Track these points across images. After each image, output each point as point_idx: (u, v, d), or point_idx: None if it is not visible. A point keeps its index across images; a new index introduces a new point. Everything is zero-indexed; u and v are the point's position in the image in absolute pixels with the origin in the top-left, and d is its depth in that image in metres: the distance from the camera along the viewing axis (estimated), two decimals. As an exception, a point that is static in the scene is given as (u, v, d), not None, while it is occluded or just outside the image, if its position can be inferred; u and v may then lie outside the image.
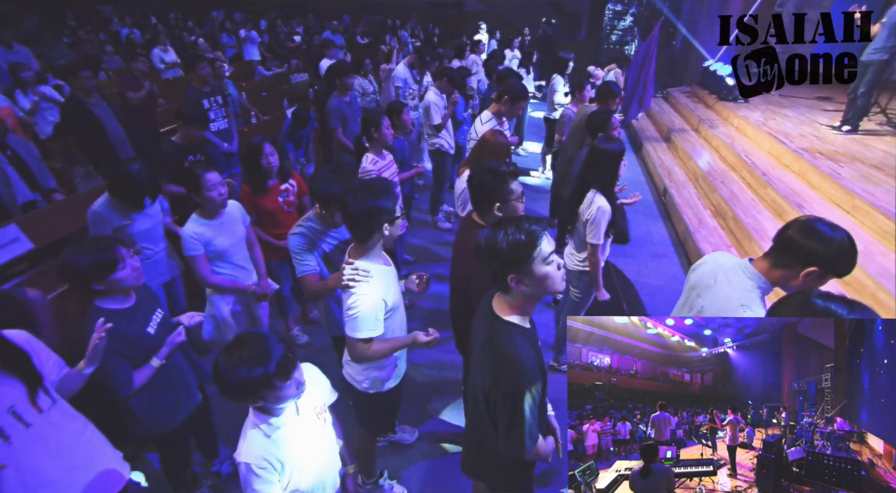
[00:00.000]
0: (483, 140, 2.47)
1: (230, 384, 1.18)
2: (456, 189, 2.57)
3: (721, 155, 5.74)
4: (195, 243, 2.23)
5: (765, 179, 4.64)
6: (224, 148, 4.14)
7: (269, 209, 2.75)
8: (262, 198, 2.72)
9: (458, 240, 2.02)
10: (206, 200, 2.22)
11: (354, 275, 1.65)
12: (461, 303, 1.94)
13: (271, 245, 2.78)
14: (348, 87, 3.97)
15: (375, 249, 1.73)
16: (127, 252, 1.66)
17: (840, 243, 1.33)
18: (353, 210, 1.61)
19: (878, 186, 4.15)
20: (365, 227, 1.64)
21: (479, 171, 1.80)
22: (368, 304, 1.62)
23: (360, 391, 1.86)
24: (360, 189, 1.64)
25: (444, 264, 4.13)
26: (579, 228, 2.45)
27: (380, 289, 1.66)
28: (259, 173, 2.68)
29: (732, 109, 6.74)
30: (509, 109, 3.13)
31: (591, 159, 2.38)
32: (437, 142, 4.26)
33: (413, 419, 2.61)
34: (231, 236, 2.35)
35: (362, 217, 1.61)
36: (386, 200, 1.63)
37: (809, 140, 5.31)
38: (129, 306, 1.70)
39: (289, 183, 2.82)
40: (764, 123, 6.02)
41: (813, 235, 1.34)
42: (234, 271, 2.42)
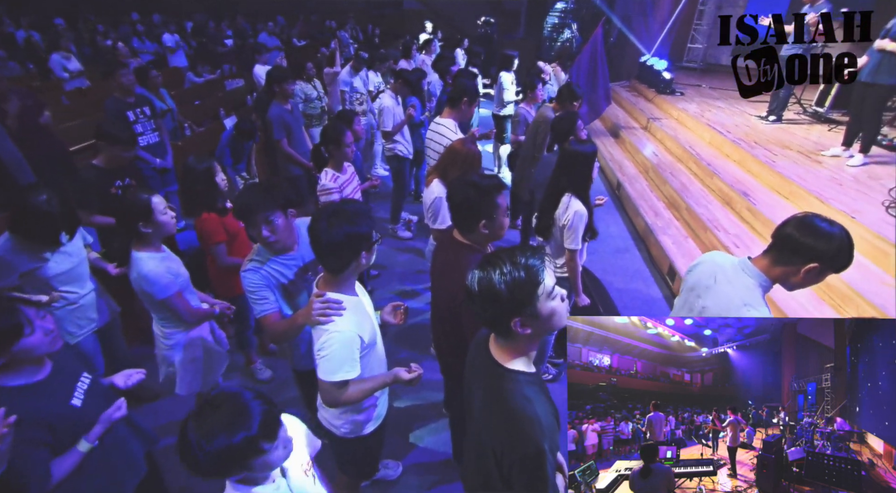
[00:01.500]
0: (453, 151, 2.37)
1: (207, 459, 0.96)
2: (425, 200, 2.45)
3: (667, 147, 5.99)
4: (169, 281, 1.96)
5: (710, 170, 4.87)
6: (156, 164, 3.77)
7: (234, 231, 2.49)
8: (228, 219, 2.46)
9: (440, 261, 1.89)
10: (158, 228, 1.95)
11: (326, 308, 1.48)
12: (449, 330, 1.82)
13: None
14: (289, 94, 3.73)
15: (349, 280, 1.57)
16: (35, 313, 1.37)
17: (840, 239, 1.33)
18: (330, 238, 1.42)
19: (807, 170, 4.48)
20: (341, 256, 1.47)
21: (460, 186, 1.68)
22: (343, 342, 1.45)
23: (338, 437, 1.69)
24: (334, 213, 1.45)
25: (410, 277, 3.99)
26: (556, 234, 2.40)
27: (354, 324, 1.50)
28: (216, 194, 2.43)
29: (671, 102, 7.08)
30: (468, 110, 3.05)
31: (563, 163, 2.33)
32: (393, 147, 4.10)
33: (395, 451, 2.45)
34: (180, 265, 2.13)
35: (339, 246, 1.44)
36: (365, 224, 1.47)
37: (744, 130, 5.66)
38: (44, 377, 1.39)
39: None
40: (701, 114, 6.35)
41: (812, 232, 1.35)
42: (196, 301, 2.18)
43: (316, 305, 1.49)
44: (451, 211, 1.75)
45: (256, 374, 2.94)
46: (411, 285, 3.92)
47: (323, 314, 1.47)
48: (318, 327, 1.49)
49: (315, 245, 1.47)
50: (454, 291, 1.71)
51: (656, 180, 5.36)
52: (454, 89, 3.09)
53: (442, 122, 3.09)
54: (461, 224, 1.74)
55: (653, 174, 5.48)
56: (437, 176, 2.42)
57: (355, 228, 1.44)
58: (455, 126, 3.00)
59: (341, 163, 2.79)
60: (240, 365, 2.97)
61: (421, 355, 3.11)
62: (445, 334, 1.88)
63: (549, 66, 5.13)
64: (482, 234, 1.70)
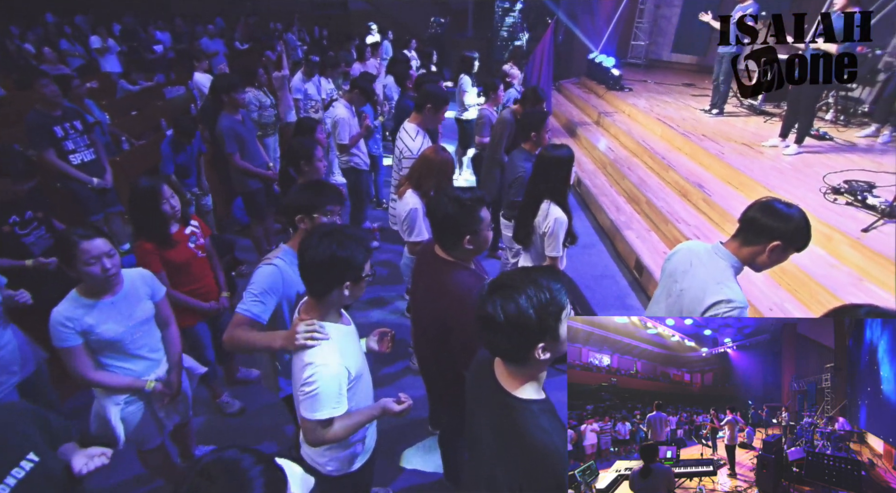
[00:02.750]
0: (426, 159, 2.28)
1: None
2: (398, 212, 2.35)
3: (622, 142, 6.17)
4: (65, 332, 1.67)
5: (665, 163, 5.06)
6: (94, 184, 3.42)
7: (182, 262, 2.26)
8: (169, 251, 2.22)
9: (424, 281, 1.80)
10: (82, 277, 1.69)
11: (312, 333, 1.37)
12: (437, 352, 1.74)
13: (188, 308, 2.31)
14: (239, 104, 3.50)
15: (334, 308, 1.46)
16: None
17: (797, 219, 1.49)
18: (314, 257, 1.33)
19: (752, 161, 4.74)
20: (323, 280, 1.38)
21: (441, 202, 1.60)
22: (329, 377, 1.35)
23: (323, 475, 1.57)
24: (327, 233, 1.36)
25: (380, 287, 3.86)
26: (536, 242, 2.37)
27: (341, 355, 1.39)
28: (160, 222, 2.17)
29: (621, 97, 7.32)
30: (434, 116, 2.97)
31: (540, 169, 2.30)
32: (350, 160, 3.94)
33: (383, 477, 2.34)
34: (126, 320, 1.80)
35: (322, 267, 1.34)
36: (355, 251, 1.36)
37: (691, 124, 5.93)
38: None
39: (191, 225, 2.35)
40: (651, 109, 6.60)
41: (773, 214, 1.50)
42: (133, 364, 1.86)
43: (300, 329, 1.38)
44: (434, 228, 1.68)
45: (225, 408, 2.72)
46: (382, 294, 3.81)
47: (308, 339, 1.36)
48: (300, 359, 1.38)
49: (300, 262, 1.39)
50: (442, 312, 1.64)
51: (615, 175, 5.50)
52: (419, 95, 3.00)
53: (406, 126, 3.00)
54: (445, 241, 1.66)
55: (611, 169, 5.63)
56: (410, 186, 2.32)
57: (343, 252, 1.34)
58: (415, 131, 2.91)
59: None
60: (204, 398, 2.74)
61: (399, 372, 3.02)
62: (434, 357, 1.80)
63: (515, 69, 5.13)
64: (467, 250, 1.63)
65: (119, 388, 1.82)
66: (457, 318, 1.59)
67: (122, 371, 1.83)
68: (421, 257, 1.90)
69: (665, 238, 4.19)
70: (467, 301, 1.55)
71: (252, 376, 2.97)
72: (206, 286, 2.42)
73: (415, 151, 2.83)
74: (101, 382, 1.78)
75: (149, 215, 2.16)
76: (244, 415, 2.74)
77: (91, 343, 1.74)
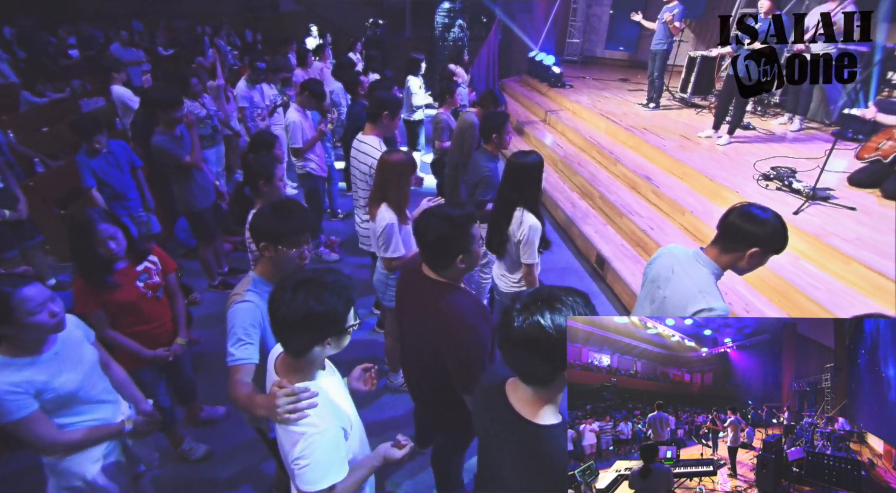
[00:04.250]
0: (385, 165, 2.18)
1: None
2: (374, 229, 2.23)
3: (569, 139, 6.34)
4: (16, 401, 1.42)
5: (613, 157, 5.25)
6: (6, 217, 2.98)
7: (126, 301, 1.99)
8: (108, 293, 1.94)
9: (413, 305, 1.69)
10: (25, 331, 1.42)
11: (293, 405, 1.20)
12: (435, 380, 1.66)
13: (132, 353, 2.06)
14: (176, 121, 3.19)
15: (316, 364, 1.31)
16: None
17: (773, 223, 1.51)
18: (287, 313, 1.16)
19: (692, 151, 5.03)
20: (300, 339, 1.21)
21: (431, 222, 1.51)
22: (327, 444, 1.21)
23: None
24: (302, 283, 1.18)
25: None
26: (511, 250, 2.34)
27: (334, 415, 1.25)
28: (96, 265, 1.90)
29: (564, 94, 7.52)
30: (391, 123, 2.85)
31: (511, 177, 2.27)
32: (305, 164, 3.74)
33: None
34: (80, 366, 1.58)
35: (298, 326, 1.18)
36: (335, 304, 1.19)
37: (632, 118, 6.20)
38: None
39: (148, 260, 2.08)
40: (593, 105, 6.84)
41: (751, 219, 1.52)
42: (97, 412, 1.64)
43: (280, 401, 1.20)
44: (423, 249, 1.58)
45: (189, 455, 2.46)
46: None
47: (291, 412, 1.20)
48: (288, 432, 1.21)
49: (271, 319, 1.21)
50: (438, 336, 1.56)
51: (566, 172, 5.64)
52: (372, 103, 2.87)
53: (365, 139, 2.85)
54: (436, 262, 1.58)
55: (562, 166, 5.77)
56: (380, 201, 2.21)
57: (322, 306, 1.17)
58: (380, 143, 2.79)
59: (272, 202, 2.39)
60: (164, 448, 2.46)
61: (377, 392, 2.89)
62: (430, 386, 1.72)
63: (460, 69, 5.09)
64: (459, 269, 1.57)
65: (99, 439, 1.61)
66: (456, 341, 1.52)
67: (88, 424, 1.61)
68: (406, 277, 1.80)
69: (621, 231, 4.34)
70: (467, 323, 1.52)
71: (218, 414, 2.72)
72: (160, 327, 2.18)
73: None
74: (77, 441, 1.56)
75: (82, 256, 1.89)
76: (211, 459, 2.49)
77: (47, 404, 1.50)
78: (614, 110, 6.54)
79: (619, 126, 5.81)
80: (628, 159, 5.17)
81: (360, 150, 2.83)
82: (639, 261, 3.93)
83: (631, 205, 4.49)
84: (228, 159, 4.72)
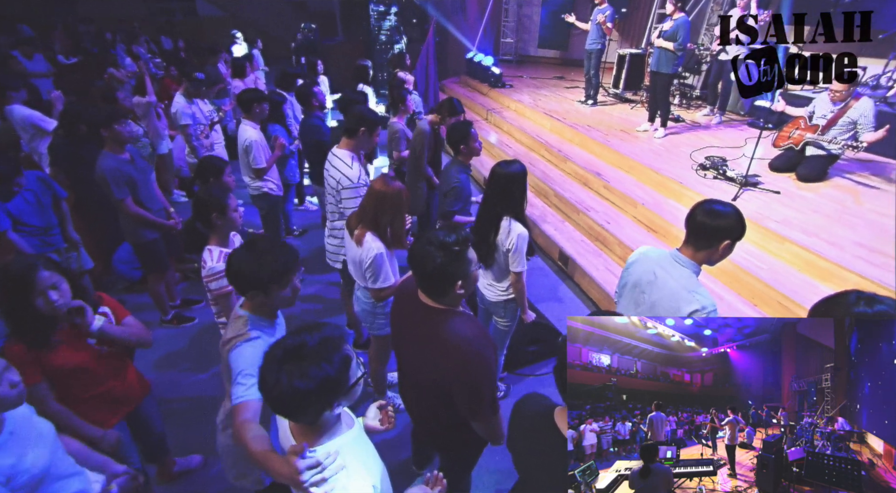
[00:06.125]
0: (378, 194, 2.08)
1: None
2: (362, 259, 2.12)
3: (517, 139, 6.46)
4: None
5: (561, 155, 5.41)
6: None
7: (77, 365, 1.74)
8: (52, 354, 1.68)
9: (413, 330, 1.64)
10: None
11: (320, 476, 1.11)
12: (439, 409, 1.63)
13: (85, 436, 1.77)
14: (124, 139, 2.87)
15: (330, 425, 1.22)
16: None
17: (736, 214, 1.62)
18: (279, 395, 1.06)
19: (633, 145, 5.31)
20: (306, 411, 1.12)
21: (427, 252, 1.46)
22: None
23: None
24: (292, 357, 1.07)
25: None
26: (499, 259, 2.34)
27: (364, 471, 1.18)
28: (33, 320, 1.64)
29: (505, 94, 7.65)
30: (369, 140, 2.73)
31: (495, 187, 2.27)
32: (262, 185, 3.50)
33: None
34: (40, 440, 1.37)
35: (295, 405, 1.08)
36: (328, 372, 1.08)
37: (574, 115, 6.43)
38: None
39: (99, 313, 1.81)
40: (536, 104, 7.01)
41: (717, 216, 1.61)
42: (72, 486, 1.42)
43: (301, 470, 1.10)
44: (422, 281, 1.54)
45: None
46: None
47: (319, 479, 1.11)
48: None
49: (266, 398, 1.09)
50: (441, 363, 1.52)
51: (519, 172, 5.74)
52: (349, 119, 2.72)
53: (338, 153, 2.70)
54: (435, 291, 1.54)
55: (514, 166, 5.86)
56: (367, 229, 2.10)
57: (313, 383, 1.06)
58: (350, 157, 2.66)
59: (227, 235, 2.19)
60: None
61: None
62: (435, 415, 1.68)
63: (409, 75, 5.00)
64: (458, 294, 1.54)
65: None
66: (462, 369, 1.49)
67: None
68: (400, 304, 1.74)
69: (580, 227, 4.50)
70: (472, 349, 1.49)
71: (194, 465, 2.49)
72: (121, 385, 1.93)
73: (354, 179, 2.58)
74: None
75: (16, 310, 1.63)
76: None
77: (21, 491, 1.28)
78: (557, 108, 6.75)
79: (564, 124, 6.01)
80: (577, 156, 5.36)
81: (331, 163, 2.70)
82: (600, 256, 4.10)
83: (585, 201, 4.66)
84: (163, 180, 4.32)
